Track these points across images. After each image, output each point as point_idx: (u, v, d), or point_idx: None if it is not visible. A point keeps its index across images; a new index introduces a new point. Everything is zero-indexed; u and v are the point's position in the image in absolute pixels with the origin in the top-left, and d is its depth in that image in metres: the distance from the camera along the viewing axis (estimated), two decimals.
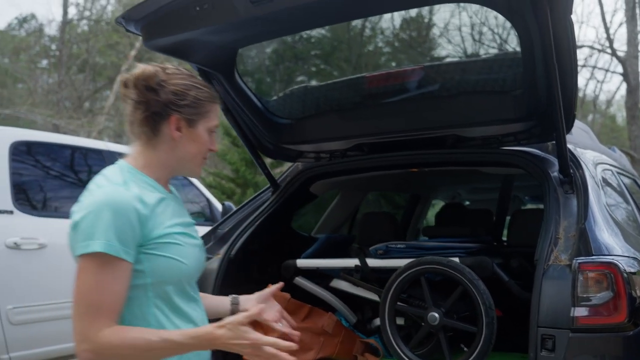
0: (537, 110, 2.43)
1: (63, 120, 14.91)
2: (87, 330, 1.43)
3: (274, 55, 3.00)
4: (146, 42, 2.44)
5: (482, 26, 2.48)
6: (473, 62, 2.60)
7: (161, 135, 1.61)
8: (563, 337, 1.96)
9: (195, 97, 1.62)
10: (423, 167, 2.94)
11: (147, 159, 1.63)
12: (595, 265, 1.95)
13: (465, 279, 2.42)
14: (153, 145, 1.62)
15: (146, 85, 1.58)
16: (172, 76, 1.62)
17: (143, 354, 1.47)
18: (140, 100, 1.59)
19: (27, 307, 3.93)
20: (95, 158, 4.77)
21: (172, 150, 1.63)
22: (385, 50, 2.95)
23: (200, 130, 1.64)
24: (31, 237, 4.00)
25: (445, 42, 2.64)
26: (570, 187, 2.40)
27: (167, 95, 1.59)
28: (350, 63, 3.05)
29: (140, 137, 1.63)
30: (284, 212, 3.15)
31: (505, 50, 2.48)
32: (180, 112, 1.60)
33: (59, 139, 4.61)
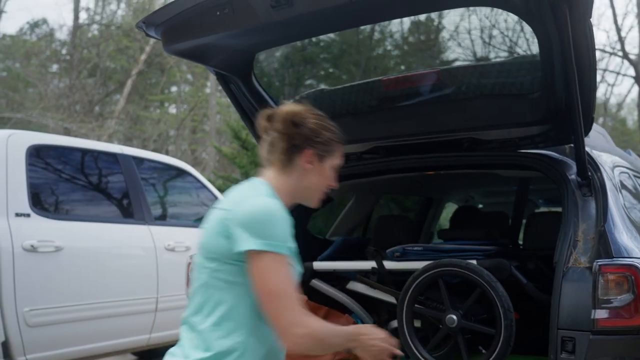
0: (554, 113, 2.44)
1: (75, 124, 15.01)
2: (299, 316, 1.62)
3: (289, 58, 3.02)
4: (166, 46, 2.47)
5: (499, 29, 2.49)
6: (490, 65, 2.60)
7: (294, 165, 1.85)
8: (584, 339, 1.96)
9: (328, 137, 1.89)
10: (440, 169, 2.95)
11: (280, 184, 1.84)
12: (616, 267, 1.96)
13: (484, 281, 2.42)
14: (286, 173, 1.85)
15: (292, 121, 1.84)
16: (311, 116, 1.89)
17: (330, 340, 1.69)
18: (285, 132, 1.83)
19: (43, 309, 3.96)
20: (109, 161, 4.80)
21: (300, 180, 1.86)
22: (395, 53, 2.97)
23: (327, 166, 1.89)
24: (48, 240, 4.03)
25: (461, 45, 2.65)
26: (588, 189, 2.40)
27: (307, 131, 1.84)
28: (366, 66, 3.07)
29: (275, 164, 1.86)
30: (300, 214, 3.16)
31: (523, 53, 2.49)
32: (314, 147, 1.85)
33: (74, 143, 4.65)
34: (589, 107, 2.28)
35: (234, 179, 16.31)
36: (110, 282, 4.38)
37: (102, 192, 4.72)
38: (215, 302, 1.70)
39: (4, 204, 3.91)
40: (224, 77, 2.80)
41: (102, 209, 4.68)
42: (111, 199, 4.77)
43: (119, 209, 4.75)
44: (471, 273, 2.46)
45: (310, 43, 3.00)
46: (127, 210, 4.75)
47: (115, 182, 4.81)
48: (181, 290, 4.89)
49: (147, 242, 4.72)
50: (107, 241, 4.46)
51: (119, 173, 4.81)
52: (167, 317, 4.80)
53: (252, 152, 16.30)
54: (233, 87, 2.86)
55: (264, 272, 1.63)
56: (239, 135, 16.83)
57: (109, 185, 4.78)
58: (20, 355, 3.86)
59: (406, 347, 2.60)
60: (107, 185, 4.77)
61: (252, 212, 1.67)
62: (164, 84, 26.22)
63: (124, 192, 4.79)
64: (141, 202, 4.82)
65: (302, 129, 1.84)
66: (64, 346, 4.11)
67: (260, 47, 2.69)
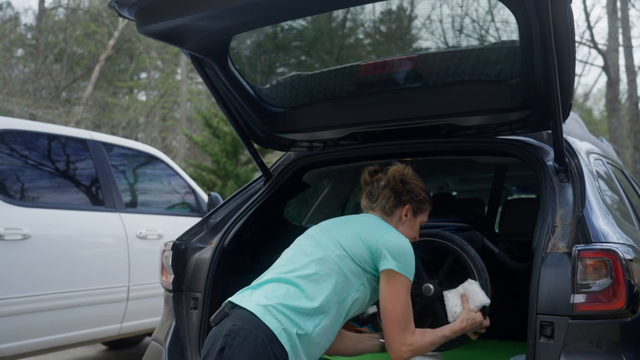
0: (533, 99, 2.44)
1: (41, 110, 14.66)
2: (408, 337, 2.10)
3: (266, 43, 2.96)
4: (139, 27, 2.39)
5: (478, 14, 2.47)
6: (469, 51, 2.58)
7: (394, 215, 2.29)
8: (562, 324, 1.97)
9: (424, 197, 2.32)
10: (417, 156, 2.93)
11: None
12: (594, 252, 1.96)
13: (455, 246, 2.47)
14: (387, 219, 2.28)
15: (402, 180, 2.30)
16: (414, 177, 2.35)
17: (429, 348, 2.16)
18: (394, 188, 2.28)
19: (11, 298, 3.86)
20: (79, 147, 4.69)
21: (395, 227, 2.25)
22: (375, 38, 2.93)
23: (418, 221, 2.32)
24: (15, 228, 3.92)
25: (439, 30, 2.63)
26: (565, 176, 2.41)
27: (410, 188, 2.29)
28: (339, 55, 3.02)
29: (376, 211, 2.31)
30: (276, 201, 3.13)
31: (502, 38, 2.48)
32: (412, 203, 2.28)
33: (43, 128, 4.52)
34: (567, 93, 2.29)
35: (205, 167, 16.18)
36: (80, 271, 4.29)
37: (71, 179, 4.61)
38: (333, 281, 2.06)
39: None
40: (199, 60, 2.73)
41: (72, 196, 4.58)
42: (81, 186, 4.66)
43: (88, 196, 4.65)
44: (443, 240, 2.52)
45: (282, 30, 2.94)
46: (98, 198, 4.65)
47: (85, 168, 4.70)
48: (153, 278, 4.83)
49: (118, 230, 4.63)
50: (77, 229, 4.36)
51: (88, 159, 4.70)
52: (139, 305, 4.73)
53: (224, 140, 16.19)
54: (208, 71, 2.80)
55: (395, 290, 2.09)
56: (210, 122, 16.67)
57: (78, 172, 4.67)
58: None
59: None
60: (76, 172, 4.66)
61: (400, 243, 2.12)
62: (133, 70, 25.80)
63: (94, 179, 4.68)
64: (112, 189, 4.73)
65: (408, 186, 2.28)
66: (32, 336, 4.03)
67: (236, 29, 2.63)
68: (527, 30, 2.21)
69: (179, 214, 5.42)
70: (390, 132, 2.90)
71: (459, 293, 2.39)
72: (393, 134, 2.89)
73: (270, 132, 3.05)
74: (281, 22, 2.68)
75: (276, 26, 2.82)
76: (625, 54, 16.05)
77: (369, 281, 2.16)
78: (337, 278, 2.07)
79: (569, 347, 1.95)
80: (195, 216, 5.39)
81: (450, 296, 2.40)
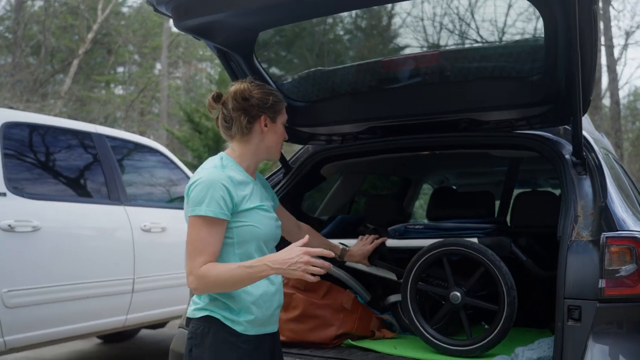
0: (554, 95, 2.55)
1: (21, 104, 14.45)
2: (191, 267, 1.95)
3: (289, 38, 3.03)
4: (176, 22, 2.46)
5: (503, 12, 2.57)
6: (492, 48, 2.69)
7: (253, 132, 2.15)
8: (590, 307, 2.09)
9: (273, 101, 2.17)
10: (435, 149, 3.03)
11: (242, 151, 2.16)
12: (621, 240, 2.09)
13: (488, 260, 2.53)
14: (246, 140, 2.16)
15: (242, 97, 2.13)
16: (255, 88, 2.17)
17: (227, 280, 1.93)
18: (239, 108, 2.13)
19: (22, 290, 3.87)
20: (84, 140, 4.70)
21: (260, 143, 2.17)
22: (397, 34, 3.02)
23: (279, 124, 2.21)
24: (25, 220, 3.93)
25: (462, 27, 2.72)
26: (583, 168, 2.53)
27: (256, 102, 2.14)
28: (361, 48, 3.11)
29: (235, 136, 2.16)
30: (296, 193, 3.20)
31: (526, 36, 2.58)
32: (265, 112, 2.15)
33: (48, 121, 4.53)
34: (588, 89, 2.40)
35: (186, 162, 16.09)
36: (87, 263, 4.31)
37: (77, 172, 4.62)
38: None
39: None
40: (226, 54, 2.80)
41: (78, 188, 4.60)
42: (86, 179, 4.68)
43: (94, 189, 4.67)
44: (476, 252, 2.56)
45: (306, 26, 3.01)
46: (103, 190, 4.67)
47: (90, 161, 4.72)
48: (157, 271, 4.87)
49: (123, 223, 4.66)
50: (84, 221, 4.38)
51: (93, 152, 4.72)
52: (144, 298, 4.77)
53: (205, 135, 16.13)
54: (233, 65, 2.86)
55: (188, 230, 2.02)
56: (192, 118, 16.58)
57: (84, 165, 4.69)
58: None
59: (410, 322, 2.69)
60: (82, 165, 4.67)
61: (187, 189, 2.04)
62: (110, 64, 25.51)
63: (99, 172, 4.70)
64: (116, 182, 4.75)
65: (253, 100, 2.13)
66: (41, 328, 4.04)
67: (264, 25, 2.70)
68: (552, 29, 2.31)
69: (181, 208, 5.45)
70: (409, 126, 2.99)
71: None
72: (412, 128, 2.99)
73: (291, 126, 3.11)
74: (310, 18, 2.75)
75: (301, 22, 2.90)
76: (606, 54, 16.43)
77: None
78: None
79: (597, 329, 2.08)
80: None
81: None
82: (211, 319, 2.02)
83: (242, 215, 2.03)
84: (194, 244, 1.98)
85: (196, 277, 1.94)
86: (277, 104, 2.18)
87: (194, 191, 1.99)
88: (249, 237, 2.05)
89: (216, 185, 1.98)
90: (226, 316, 2.01)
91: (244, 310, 2.02)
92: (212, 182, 1.98)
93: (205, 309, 2.05)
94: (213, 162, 2.10)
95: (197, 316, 2.06)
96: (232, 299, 2.02)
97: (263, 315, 2.05)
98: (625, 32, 25.36)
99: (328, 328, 2.75)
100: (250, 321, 2.02)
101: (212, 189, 1.97)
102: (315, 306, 2.76)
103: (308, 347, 2.72)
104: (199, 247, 1.97)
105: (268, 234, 2.11)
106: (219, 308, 2.03)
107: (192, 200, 1.98)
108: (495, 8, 2.60)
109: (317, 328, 2.73)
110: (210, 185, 1.97)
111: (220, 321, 2.01)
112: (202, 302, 2.07)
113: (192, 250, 1.98)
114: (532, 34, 2.55)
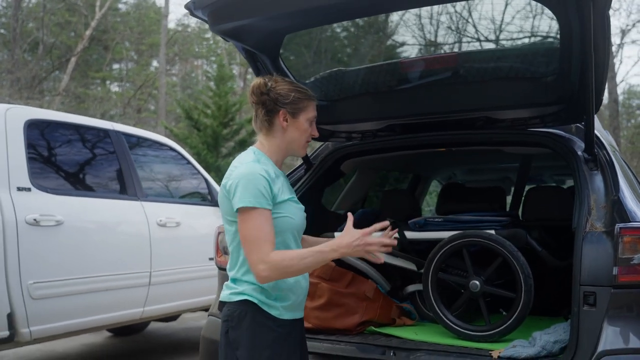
0: (568, 94, 2.70)
1: (22, 101, 14.51)
2: (260, 256, 2.00)
3: (313, 40, 3.17)
4: (212, 26, 2.59)
5: (519, 16, 2.71)
6: (508, 50, 2.83)
7: (274, 126, 2.22)
8: (604, 293, 2.24)
9: (296, 97, 2.21)
10: (454, 146, 3.17)
11: (269, 145, 2.24)
12: (633, 230, 2.25)
13: (506, 251, 2.68)
14: (271, 135, 2.23)
15: (260, 91, 2.20)
16: (278, 83, 2.22)
17: (301, 265, 2.01)
18: (259, 101, 2.21)
19: (46, 282, 4.00)
20: (102, 137, 4.83)
21: (283, 137, 2.23)
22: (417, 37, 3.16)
23: (302, 120, 2.23)
24: (49, 214, 4.06)
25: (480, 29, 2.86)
26: (594, 164, 2.68)
27: (275, 95, 2.19)
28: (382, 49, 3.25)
29: (262, 129, 2.25)
30: (317, 188, 3.34)
31: (541, 39, 2.73)
32: (285, 107, 2.19)
33: (68, 118, 4.65)
34: (601, 89, 2.56)
35: None
36: (107, 256, 4.44)
37: (95, 168, 4.75)
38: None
39: (5, 178, 3.91)
40: (253, 55, 2.93)
41: (97, 184, 4.72)
42: (105, 175, 4.80)
43: (112, 184, 4.80)
44: (495, 243, 2.72)
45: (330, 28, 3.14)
46: (121, 186, 4.80)
47: (108, 158, 4.84)
48: (172, 264, 5.00)
49: (140, 218, 4.79)
50: (104, 216, 4.51)
51: (111, 149, 4.85)
52: (160, 290, 4.90)
53: (204, 132, 16.23)
54: (260, 65, 2.99)
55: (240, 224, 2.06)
56: (191, 115, 16.66)
57: (102, 161, 4.81)
58: (24, 327, 3.90)
59: (431, 310, 2.84)
60: (100, 161, 4.80)
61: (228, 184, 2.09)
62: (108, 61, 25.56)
63: (116, 168, 4.83)
64: (133, 178, 4.88)
65: (272, 93, 2.18)
66: (64, 319, 4.16)
67: (292, 29, 2.84)
68: (567, 32, 2.46)
69: (195, 203, 5.59)
70: (427, 124, 3.14)
71: None
72: (430, 126, 3.13)
73: None
74: (336, 22, 2.89)
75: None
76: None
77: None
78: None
79: (611, 313, 2.24)
80: (209, 205, 5.57)
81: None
82: (248, 303, 2.09)
83: (278, 207, 2.11)
84: (254, 234, 2.03)
85: (269, 265, 1.99)
86: (300, 100, 2.21)
87: (239, 185, 2.05)
88: (286, 227, 2.13)
89: (259, 177, 2.05)
90: (263, 300, 2.09)
91: (280, 295, 2.11)
92: (254, 175, 2.06)
93: (243, 293, 2.10)
94: (248, 157, 2.16)
95: (233, 300, 2.12)
96: (271, 285, 2.10)
97: (296, 300, 2.16)
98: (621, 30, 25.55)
99: (352, 316, 2.89)
100: (286, 306, 2.12)
101: (256, 181, 2.04)
102: (340, 295, 2.91)
103: (334, 333, 2.86)
104: (260, 236, 2.02)
105: (300, 224, 2.22)
106: (256, 292, 2.09)
107: (242, 194, 2.04)
108: (512, 12, 2.74)
109: (342, 315, 2.88)
110: (253, 177, 2.05)
111: (257, 305, 2.08)
112: (239, 287, 2.13)
113: (255, 241, 2.02)
114: (547, 37, 2.69)
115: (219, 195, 2.18)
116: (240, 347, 2.07)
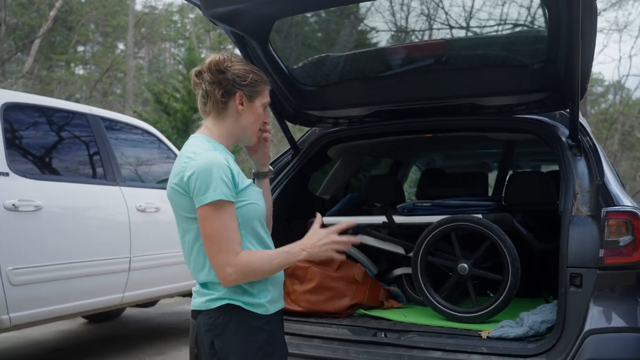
0: (553, 82, 2.77)
1: None
2: (227, 259, 1.85)
3: (301, 25, 3.17)
4: (205, 10, 2.57)
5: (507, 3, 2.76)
6: (496, 37, 2.88)
7: (228, 109, 2.04)
8: (591, 275, 2.33)
9: (254, 79, 2.06)
10: (438, 132, 3.22)
11: (219, 131, 2.06)
12: (619, 214, 2.33)
13: (495, 235, 2.75)
14: (222, 118, 2.06)
15: (218, 69, 2.02)
16: (235, 62, 2.06)
17: (269, 267, 1.92)
18: (215, 80, 2.02)
19: (26, 268, 3.95)
20: (80, 120, 4.76)
21: (236, 122, 2.06)
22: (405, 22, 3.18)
23: (257, 105, 2.09)
24: (27, 199, 3.99)
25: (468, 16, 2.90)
26: (578, 150, 2.76)
27: (233, 76, 2.02)
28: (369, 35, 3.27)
29: (211, 113, 2.06)
30: (304, 173, 3.36)
31: (529, 27, 2.78)
32: (242, 89, 2.03)
33: (46, 102, 4.57)
34: (586, 77, 2.63)
35: None
36: (87, 242, 4.40)
37: (74, 152, 4.69)
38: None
39: None
40: (242, 39, 2.91)
41: (76, 169, 4.65)
42: (84, 160, 4.74)
43: (91, 169, 4.74)
44: (483, 227, 2.78)
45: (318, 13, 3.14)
46: (99, 171, 4.74)
47: (86, 142, 4.78)
48: (152, 250, 4.97)
49: (119, 203, 4.75)
50: (83, 201, 4.46)
51: (89, 133, 4.78)
52: (139, 276, 4.88)
53: (174, 117, 16.06)
54: (249, 50, 2.98)
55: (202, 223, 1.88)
56: (160, 99, 16.46)
57: (80, 146, 4.75)
58: (4, 313, 3.85)
59: (421, 292, 2.90)
60: (79, 146, 4.74)
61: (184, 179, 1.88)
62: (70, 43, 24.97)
63: (95, 153, 4.77)
64: (112, 163, 4.83)
65: (229, 74, 2.02)
66: (44, 305, 4.12)
67: (282, 14, 2.83)
68: (556, 21, 2.51)
69: None
70: (414, 110, 3.18)
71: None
72: (416, 112, 3.17)
73: (300, 109, 3.27)
74: (326, 8, 2.89)
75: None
76: None
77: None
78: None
79: (596, 294, 2.32)
80: None
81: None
82: (231, 307, 1.93)
83: (242, 195, 1.95)
84: (221, 234, 1.86)
85: (237, 269, 1.85)
86: (258, 83, 2.07)
87: (198, 180, 1.86)
88: (253, 214, 1.98)
89: (223, 168, 1.88)
90: (246, 301, 1.93)
91: (262, 291, 1.97)
92: (218, 166, 1.87)
93: (222, 298, 1.93)
94: (204, 146, 1.97)
95: (212, 307, 1.95)
96: (251, 283, 1.95)
97: (276, 290, 2.03)
98: None
99: (342, 299, 2.94)
100: (270, 300, 1.98)
101: (215, 172, 1.86)
102: (329, 278, 2.95)
103: (324, 316, 2.91)
104: (225, 235, 1.86)
105: (264, 208, 2.07)
106: (238, 294, 1.93)
107: (200, 189, 1.85)
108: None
109: (332, 299, 2.92)
110: (218, 169, 1.87)
111: (241, 308, 1.93)
112: (215, 291, 1.95)
113: (220, 241, 1.86)
114: (535, 24, 2.75)
115: (168, 190, 1.97)
116: (230, 355, 1.93)
